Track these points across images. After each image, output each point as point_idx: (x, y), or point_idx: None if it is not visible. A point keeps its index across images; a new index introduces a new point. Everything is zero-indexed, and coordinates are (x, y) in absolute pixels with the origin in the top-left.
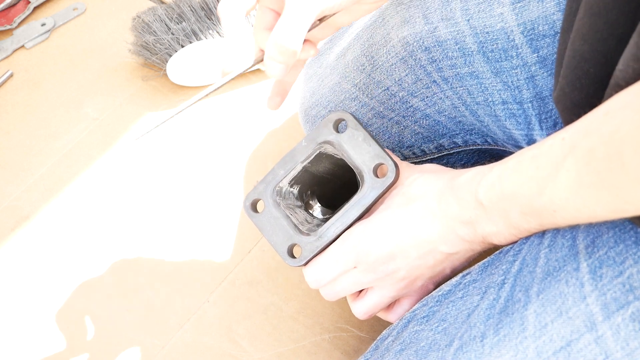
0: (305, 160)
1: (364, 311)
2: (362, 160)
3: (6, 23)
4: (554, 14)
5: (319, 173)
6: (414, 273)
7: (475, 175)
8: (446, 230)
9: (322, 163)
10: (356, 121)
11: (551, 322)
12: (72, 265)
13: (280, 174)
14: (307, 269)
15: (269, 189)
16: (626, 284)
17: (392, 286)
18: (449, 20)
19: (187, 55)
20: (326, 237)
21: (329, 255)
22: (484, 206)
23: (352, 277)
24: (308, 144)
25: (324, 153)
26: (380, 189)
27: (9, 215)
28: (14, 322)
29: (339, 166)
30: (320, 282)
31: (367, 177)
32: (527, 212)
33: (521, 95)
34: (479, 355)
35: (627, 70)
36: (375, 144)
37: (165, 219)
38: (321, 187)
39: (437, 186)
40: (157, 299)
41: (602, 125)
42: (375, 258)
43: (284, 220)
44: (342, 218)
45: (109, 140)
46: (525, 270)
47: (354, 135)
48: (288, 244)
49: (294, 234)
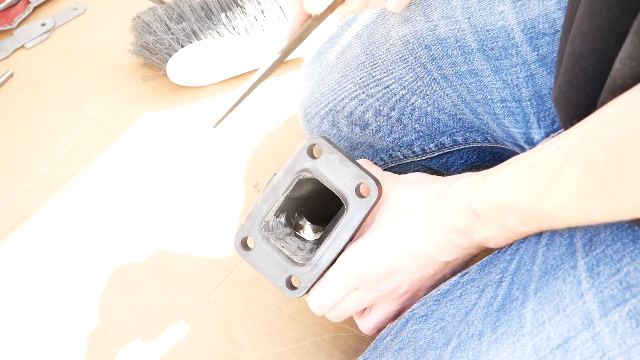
0: (286, 191)
1: (371, 327)
2: (343, 182)
3: (6, 23)
4: (555, 12)
5: (302, 196)
6: (416, 285)
7: (467, 185)
8: (442, 240)
9: (303, 187)
10: (330, 144)
11: (548, 320)
12: (72, 265)
13: (264, 208)
14: (310, 298)
15: (256, 225)
16: (623, 281)
17: (395, 301)
18: (450, 18)
19: (187, 55)
20: (321, 265)
21: (328, 282)
22: (479, 216)
23: (355, 298)
24: (286, 175)
25: (304, 179)
26: (366, 209)
27: (9, 215)
28: (14, 322)
29: (321, 184)
30: (324, 309)
31: (351, 199)
32: (526, 219)
33: (520, 93)
34: (477, 353)
35: (624, 69)
36: (352, 164)
37: (165, 219)
38: (307, 206)
39: (427, 198)
40: (157, 299)
41: (602, 134)
42: (374, 277)
43: (277, 254)
44: (333, 243)
45: (109, 140)
46: (522, 269)
47: (329, 160)
48: (285, 277)
49: (289, 266)
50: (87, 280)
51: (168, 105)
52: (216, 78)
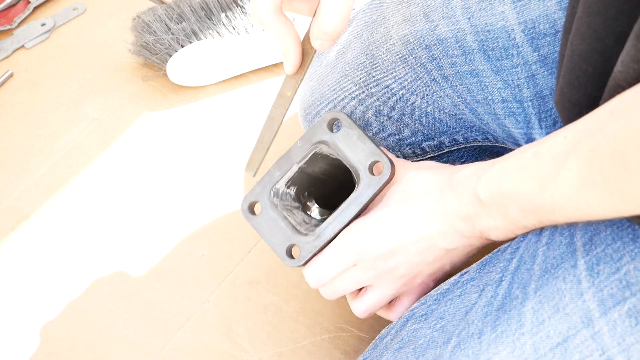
0: (300, 161)
1: (364, 309)
2: (358, 158)
3: (6, 23)
4: (555, 12)
5: (315, 174)
6: (414, 270)
7: (476, 171)
8: (445, 227)
9: (317, 164)
10: (350, 120)
11: (548, 319)
12: (72, 265)
13: (277, 175)
14: (307, 269)
15: (266, 191)
16: (623, 280)
17: (391, 284)
18: (450, 19)
19: (187, 55)
20: (324, 237)
21: (328, 254)
22: (482, 202)
23: (352, 275)
24: (303, 145)
25: (320, 153)
26: (377, 187)
27: (9, 215)
28: (13, 322)
29: (335, 167)
30: (320, 282)
31: (363, 175)
32: (527, 209)
33: (521, 93)
34: (477, 352)
35: (628, 72)
36: (370, 142)
37: (165, 219)
38: (318, 189)
39: (436, 183)
40: (157, 299)
41: (607, 125)
42: (375, 255)
43: (282, 221)
44: (339, 217)
45: (109, 140)
46: (522, 268)
47: (348, 134)
48: (286, 245)
49: (292, 235)
50: (87, 280)
51: (168, 105)
52: (216, 78)
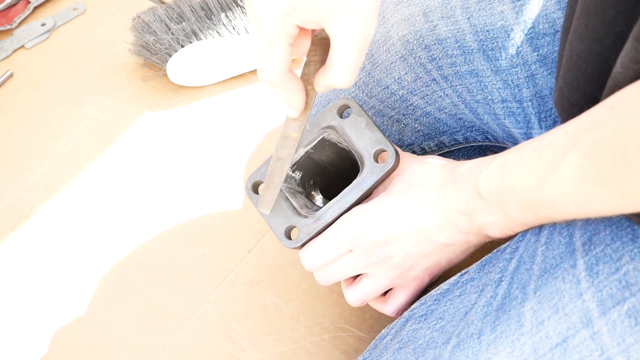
0: (308, 145)
1: (357, 297)
2: (364, 145)
3: (6, 23)
4: (554, 12)
5: (321, 162)
6: (409, 261)
7: (477, 165)
8: (444, 220)
9: (324, 151)
10: (360, 108)
11: (547, 319)
12: (72, 265)
13: None
14: (303, 251)
15: None
16: (622, 280)
17: (386, 273)
18: (449, 19)
19: (187, 55)
20: (323, 220)
21: (325, 238)
22: (482, 196)
23: (347, 261)
24: (311, 128)
25: (327, 140)
26: (380, 174)
27: (9, 215)
28: (13, 322)
29: (341, 157)
30: (315, 265)
31: (368, 162)
32: (526, 205)
33: (521, 93)
34: (476, 352)
35: (627, 73)
36: (377, 130)
37: (165, 219)
38: (323, 179)
39: (439, 175)
40: (157, 299)
41: (607, 120)
42: (371, 242)
43: (284, 202)
44: (340, 201)
45: (109, 140)
46: (522, 268)
47: (356, 121)
48: (286, 226)
49: (292, 216)
50: (87, 280)
51: (168, 105)
52: (216, 78)
